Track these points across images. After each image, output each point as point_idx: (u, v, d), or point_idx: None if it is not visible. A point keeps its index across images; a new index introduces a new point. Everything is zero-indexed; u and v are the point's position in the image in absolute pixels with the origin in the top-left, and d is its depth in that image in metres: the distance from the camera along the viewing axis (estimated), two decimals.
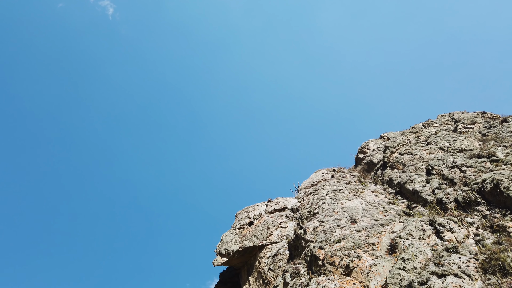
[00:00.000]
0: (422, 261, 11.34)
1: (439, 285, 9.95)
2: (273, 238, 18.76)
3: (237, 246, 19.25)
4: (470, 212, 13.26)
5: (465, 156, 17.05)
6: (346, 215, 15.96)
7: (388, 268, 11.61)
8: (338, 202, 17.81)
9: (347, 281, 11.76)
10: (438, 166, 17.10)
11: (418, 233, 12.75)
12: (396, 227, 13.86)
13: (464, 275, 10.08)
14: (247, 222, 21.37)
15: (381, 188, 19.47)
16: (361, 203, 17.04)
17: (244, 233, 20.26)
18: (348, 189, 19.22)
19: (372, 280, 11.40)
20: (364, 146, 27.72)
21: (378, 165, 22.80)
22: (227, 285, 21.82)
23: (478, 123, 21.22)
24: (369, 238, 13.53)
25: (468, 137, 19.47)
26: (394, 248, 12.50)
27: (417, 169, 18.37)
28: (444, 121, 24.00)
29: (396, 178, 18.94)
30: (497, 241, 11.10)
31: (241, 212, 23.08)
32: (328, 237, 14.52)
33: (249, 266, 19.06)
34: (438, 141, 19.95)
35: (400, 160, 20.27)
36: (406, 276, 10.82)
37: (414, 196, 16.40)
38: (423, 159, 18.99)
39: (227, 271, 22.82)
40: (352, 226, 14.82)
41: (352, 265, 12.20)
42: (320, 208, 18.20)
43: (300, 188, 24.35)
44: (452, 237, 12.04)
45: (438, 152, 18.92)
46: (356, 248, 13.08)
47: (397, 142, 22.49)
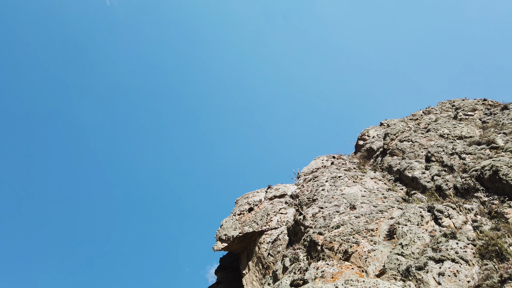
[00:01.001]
0: (420, 247, 11.46)
1: (437, 270, 10.08)
2: (273, 224, 18.92)
3: (237, 232, 19.42)
4: (468, 198, 13.34)
5: (465, 143, 17.06)
6: (345, 201, 16.07)
7: (386, 254, 11.74)
8: (337, 189, 17.89)
9: (346, 266, 11.91)
10: (437, 153, 17.13)
11: (417, 219, 12.85)
12: (395, 214, 13.96)
13: (461, 260, 10.20)
14: (247, 208, 21.52)
15: (380, 175, 19.55)
16: (360, 189, 17.13)
17: (244, 219, 20.42)
18: (348, 176, 19.30)
19: (371, 265, 11.54)
20: (364, 133, 27.72)
21: (378, 152, 22.84)
22: (227, 270, 22.09)
23: (479, 110, 21.18)
24: (368, 224, 13.65)
25: (468, 124, 19.46)
26: (392, 234, 12.62)
27: (417, 156, 18.41)
28: (444, 108, 23.95)
29: (396, 165, 18.99)
30: (494, 227, 11.20)
31: (241, 198, 23.22)
32: (327, 223, 14.64)
33: (249, 251, 19.27)
34: (438, 128, 19.94)
35: (399, 147, 20.29)
36: (404, 261, 10.95)
37: (413, 183, 16.47)
38: (422, 146, 19.01)
39: (227, 256, 23.07)
40: (351, 212, 14.93)
41: (351, 251, 12.34)
42: (319, 195, 18.30)
43: (299, 175, 24.45)
44: (450, 223, 12.14)
45: (438, 139, 18.93)
46: (355, 234, 13.20)
47: (397, 129, 22.48)
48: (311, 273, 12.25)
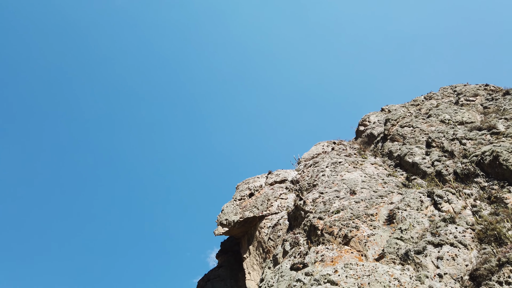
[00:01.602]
0: (419, 231, 11.55)
1: (435, 254, 10.18)
2: (273, 209, 19.05)
3: (237, 217, 19.57)
4: (468, 184, 13.39)
5: (466, 128, 17.03)
6: (345, 186, 16.14)
7: (385, 238, 11.84)
8: (337, 174, 17.95)
9: (345, 250, 12.03)
10: (438, 138, 17.12)
11: (416, 204, 12.92)
12: (394, 199, 14.04)
13: (460, 245, 10.30)
14: (248, 193, 21.64)
15: (380, 161, 19.58)
16: (360, 175, 17.18)
17: (245, 204, 20.55)
18: (348, 162, 19.33)
19: (370, 249, 11.65)
20: (365, 118, 27.66)
21: (378, 138, 22.84)
22: (227, 254, 22.34)
23: (480, 95, 21.08)
24: (367, 209, 13.74)
25: (469, 110, 19.40)
26: (392, 219, 12.71)
27: (417, 141, 18.40)
28: (446, 93, 23.83)
29: (396, 151, 19.00)
30: (494, 212, 11.27)
31: (242, 183, 23.33)
32: (327, 208, 14.73)
33: (250, 236, 19.45)
34: (439, 114, 19.88)
35: (400, 132, 20.27)
36: (403, 245, 11.06)
37: (414, 168, 16.51)
38: (423, 131, 18.99)
39: (227, 240, 23.31)
40: (351, 197, 15.01)
41: (351, 235, 12.45)
42: (320, 180, 18.37)
43: (300, 161, 24.50)
44: (450, 208, 12.21)
45: (439, 124, 18.89)
46: (354, 218, 13.29)
47: (398, 115, 22.42)
48: (311, 257, 12.39)
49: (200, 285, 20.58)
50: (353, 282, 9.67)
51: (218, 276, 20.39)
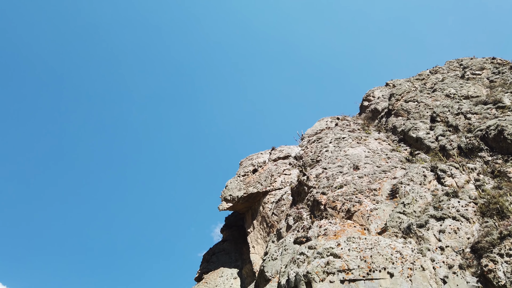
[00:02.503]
0: (422, 205, 11.64)
1: (437, 228, 10.29)
2: (277, 184, 19.20)
3: (241, 192, 19.77)
4: (472, 158, 13.37)
5: (471, 102, 16.86)
6: (348, 162, 16.17)
7: (388, 212, 11.95)
8: (341, 150, 17.96)
9: (348, 224, 12.18)
10: (443, 113, 16.99)
11: (419, 179, 12.96)
12: (398, 173, 14.08)
13: (462, 218, 10.38)
14: (251, 169, 21.77)
15: (384, 136, 19.53)
16: (364, 150, 17.18)
17: (248, 180, 20.71)
18: (352, 137, 19.30)
19: (372, 223, 11.79)
20: (369, 93, 27.41)
21: (383, 113, 22.69)
22: (232, 229, 22.70)
23: (487, 69, 20.74)
24: (370, 184, 13.81)
25: (475, 84, 19.14)
26: (395, 193, 12.79)
27: (422, 116, 18.28)
28: (452, 67, 23.47)
29: (400, 126, 18.91)
30: (497, 186, 11.29)
31: (245, 160, 23.44)
32: (331, 183, 14.82)
33: (253, 211, 19.70)
34: (444, 88, 19.65)
35: (405, 107, 20.11)
36: (406, 219, 11.17)
37: (417, 143, 16.47)
38: (428, 106, 18.83)
39: (232, 215, 23.64)
40: (354, 172, 15.07)
41: (353, 209, 12.57)
42: (323, 156, 18.41)
43: (303, 137, 24.49)
44: (453, 182, 12.25)
45: (444, 99, 18.70)
46: (357, 193, 13.39)
47: (402, 90, 22.19)
48: (314, 231, 12.56)
49: (206, 259, 21.03)
50: (356, 255, 9.82)
51: (223, 250, 20.80)
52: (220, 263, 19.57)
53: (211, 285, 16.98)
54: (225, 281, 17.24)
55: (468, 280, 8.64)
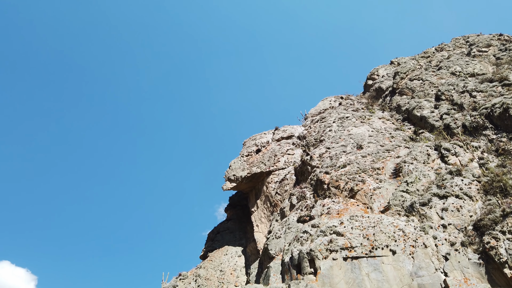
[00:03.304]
0: (425, 184, 11.66)
1: (440, 206, 10.33)
2: (280, 164, 19.26)
3: (245, 172, 19.86)
4: (476, 136, 13.30)
5: (477, 80, 16.65)
6: (352, 141, 16.14)
7: (391, 191, 12.00)
8: (344, 129, 17.90)
9: (351, 203, 12.26)
10: (448, 91, 16.81)
11: (423, 158, 12.95)
12: (401, 152, 14.06)
13: (465, 196, 10.41)
14: (255, 149, 21.81)
15: (388, 115, 19.41)
16: (367, 129, 17.12)
17: (252, 160, 20.78)
18: (355, 116, 19.21)
19: (375, 202, 11.85)
20: (374, 72, 27.11)
21: (387, 92, 22.49)
22: (236, 208, 22.94)
23: (493, 46, 20.38)
24: (374, 163, 13.82)
25: (481, 61, 18.85)
26: (398, 172, 12.80)
27: (426, 95, 18.10)
28: (458, 44, 23.08)
29: (405, 105, 18.77)
30: (501, 164, 11.27)
31: (249, 140, 23.45)
32: (334, 162, 14.84)
33: (257, 191, 19.84)
34: (450, 66, 19.38)
35: (409, 86, 19.91)
36: (409, 197, 11.21)
37: (422, 122, 16.37)
38: (433, 84, 18.62)
39: (236, 195, 23.84)
40: (357, 152, 15.06)
41: (357, 188, 12.62)
42: (326, 135, 18.37)
43: (307, 116, 24.39)
44: (457, 161, 12.23)
45: (449, 77, 18.47)
46: (361, 172, 13.41)
47: (407, 68, 21.91)
48: (317, 210, 12.67)
49: (210, 237, 21.34)
50: (358, 233, 9.92)
51: (227, 229, 21.07)
52: (224, 241, 19.87)
53: (216, 263, 17.29)
54: (229, 259, 17.54)
55: (470, 257, 8.73)
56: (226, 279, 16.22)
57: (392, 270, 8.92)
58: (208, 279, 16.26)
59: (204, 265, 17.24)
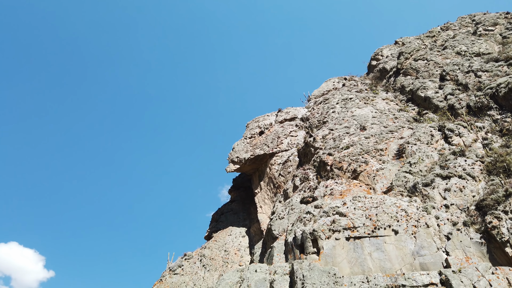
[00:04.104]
0: (428, 165, 11.67)
1: (443, 186, 10.37)
2: (283, 146, 19.28)
3: (248, 154, 19.92)
4: (481, 117, 13.22)
5: (482, 60, 16.43)
6: (355, 122, 16.09)
7: (394, 172, 12.03)
8: (348, 111, 17.83)
9: (354, 184, 12.31)
10: (453, 71, 16.62)
11: (427, 138, 12.91)
12: (405, 133, 14.03)
13: (468, 177, 10.43)
14: (258, 131, 21.81)
15: (392, 96, 19.28)
16: (371, 110, 17.04)
17: (255, 142, 20.81)
18: (359, 97, 19.09)
19: (378, 182, 11.90)
20: (378, 52, 26.78)
21: (391, 72, 22.27)
22: (239, 190, 23.11)
23: (500, 24, 20.01)
24: (377, 144, 13.81)
25: (487, 40, 18.55)
26: (401, 153, 12.80)
27: (431, 75, 17.92)
28: (464, 23, 22.67)
29: (409, 85, 18.60)
30: (504, 144, 11.23)
31: (252, 122, 23.43)
32: (337, 144, 14.84)
33: (261, 172, 19.94)
34: (455, 45, 19.10)
35: (414, 66, 19.69)
36: (412, 178, 11.24)
37: (426, 102, 16.26)
38: (438, 64, 18.40)
39: (239, 177, 23.98)
40: (361, 133, 15.03)
41: (360, 170, 12.66)
42: (330, 117, 18.31)
43: (310, 98, 24.26)
44: (460, 142, 12.19)
45: (454, 56, 18.23)
46: (364, 153, 13.42)
47: (412, 48, 21.62)
48: (320, 191, 12.75)
49: (215, 218, 21.60)
50: (361, 213, 10.01)
51: (231, 210, 21.29)
52: (228, 222, 20.10)
53: (220, 243, 17.54)
54: (233, 239, 17.79)
55: (471, 236, 8.81)
56: (231, 258, 16.49)
57: (394, 249, 9.03)
58: (213, 259, 16.54)
59: (208, 246, 17.50)
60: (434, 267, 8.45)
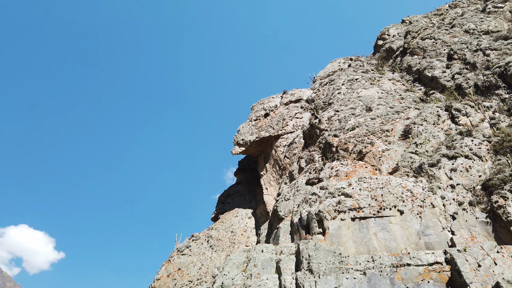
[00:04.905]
0: (435, 145, 11.62)
1: (449, 166, 10.34)
2: (289, 128, 19.25)
3: (253, 137, 19.94)
4: (488, 96, 13.05)
5: (491, 38, 16.10)
6: (361, 103, 15.98)
7: (400, 153, 12.00)
8: (354, 91, 17.68)
9: (360, 165, 12.32)
10: (460, 50, 16.33)
11: (433, 119, 12.82)
12: (411, 114, 13.92)
13: (474, 157, 10.38)
14: (263, 113, 21.75)
15: (398, 76, 19.05)
16: (377, 91, 16.88)
17: (260, 124, 20.78)
18: (365, 78, 18.89)
19: (384, 163, 11.89)
20: (384, 32, 26.33)
21: (398, 52, 21.94)
22: (245, 172, 23.23)
23: (510, 1, 19.52)
24: (383, 125, 13.74)
25: (496, 18, 18.14)
26: (407, 134, 12.73)
27: (438, 54, 17.63)
28: (472, 0, 22.13)
29: (416, 65, 18.35)
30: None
31: (257, 104, 23.34)
32: (343, 125, 14.79)
33: (266, 154, 19.99)
34: (463, 23, 18.71)
35: (421, 45, 19.37)
36: (417, 159, 11.22)
37: (433, 82, 16.06)
38: (445, 43, 18.08)
39: (245, 159, 24.07)
40: (367, 114, 14.94)
41: (365, 151, 12.64)
42: (335, 98, 18.18)
43: (315, 79, 24.05)
44: (467, 121, 12.09)
45: (462, 35, 17.88)
46: (369, 135, 13.37)
47: (419, 26, 21.22)
48: (326, 172, 12.78)
49: (221, 200, 21.81)
50: (367, 194, 10.04)
51: (237, 192, 21.46)
52: (235, 204, 20.29)
53: (227, 224, 17.76)
54: (240, 221, 17.99)
55: (477, 216, 8.83)
56: (237, 239, 16.72)
57: (400, 229, 9.09)
58: (220, 239, 16.77)
59: (215, 227, 17.73)
60: (439, 247, 8.51)
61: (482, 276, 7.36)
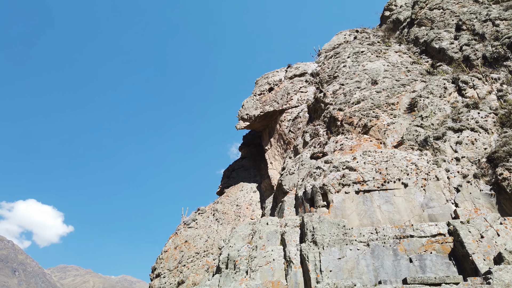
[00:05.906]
0: (440, 118, 11.53)
1: (454, 139, 10.30)
2: (293, 102, 19.13)
3: (258, 111, 19.87)
4: (497, 68, 12.82)
5: (501, 8, 15.65)
6: (367, 77, 15.78)
7: (405, 126, 11.94)
8: (359, 64, 17.42)
9: (364, 139, 12.30)
10: (469, 20, 15.93)
11: (440, 91, 12.66)
12: (417, 87, 13.75)
13: (480, 129, 10.31)
14: (267, 88, 21.58)
15: (405, 48, 18.70)
16: (383, 64, 16.62)
17: (265, 98, 20.66)
18: (371, 50, 18.56)
19: (389, 137, 11.86)
20: (391, 2, 25.67)
21: (405, 23, 21.44)
22: (250, 146, 23.30)
23: None
24: (388, 99, 13.61)
25: None
26: (413, 107, 12.63)
27: (447, 25, 17.22)
28: None
29: (423, 36, 17.96)
30: None
31: (261, 78, 23.12)
32: (348, 99, 14.67)
33: (270, 129, 19.97)
34: None
35: (429, 16, 18.89)
36: (423, 132, 11.17)
37: (440, 54, 15.76)
38: (454, 13, 17.62)
39: (249, 134, 24.09)
40: (372, 87, 14.78)
41: (370, 124, 12.58)
42: (340, 71, 17.95)
43: (320, 52, 23.68)
44: (474, 94, 11.94)
45: (472, 5, 17.39)
46: (375, 108, 13.27)
47: None
48: (330, 146, 12.79)
49: (226, 175, 22.00)
50: (371, 167, 10.07)
51: (242, 166, 21.61)
52: (240, 178, 20.47)
53: (232, 198, 17.99)
54: (245, 194, 18.20)
55: (481, 188, 8.86)
56: (242, 212, 16.97)
57: (403, 202, 9.16)
58: (225, 213, 17.03)
59: (221, 200, 17.97)
60: (443, 219, 8.60)
61: (484, 247, 7.46)
